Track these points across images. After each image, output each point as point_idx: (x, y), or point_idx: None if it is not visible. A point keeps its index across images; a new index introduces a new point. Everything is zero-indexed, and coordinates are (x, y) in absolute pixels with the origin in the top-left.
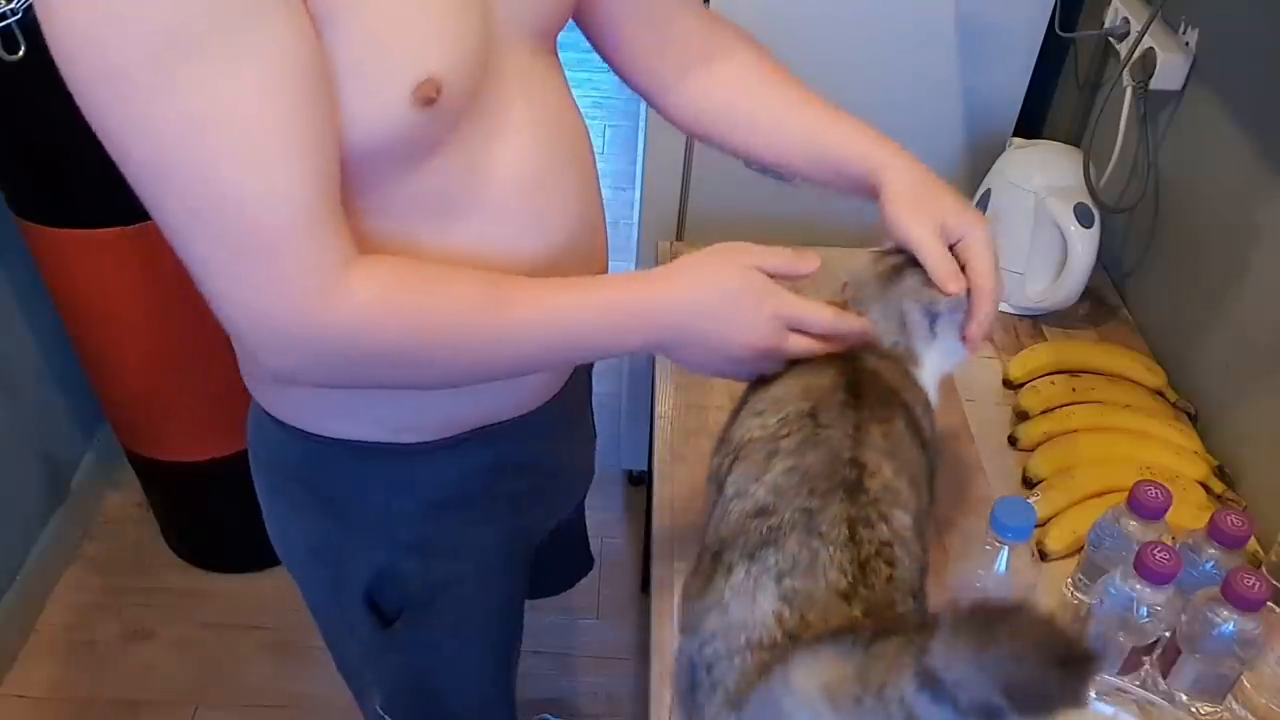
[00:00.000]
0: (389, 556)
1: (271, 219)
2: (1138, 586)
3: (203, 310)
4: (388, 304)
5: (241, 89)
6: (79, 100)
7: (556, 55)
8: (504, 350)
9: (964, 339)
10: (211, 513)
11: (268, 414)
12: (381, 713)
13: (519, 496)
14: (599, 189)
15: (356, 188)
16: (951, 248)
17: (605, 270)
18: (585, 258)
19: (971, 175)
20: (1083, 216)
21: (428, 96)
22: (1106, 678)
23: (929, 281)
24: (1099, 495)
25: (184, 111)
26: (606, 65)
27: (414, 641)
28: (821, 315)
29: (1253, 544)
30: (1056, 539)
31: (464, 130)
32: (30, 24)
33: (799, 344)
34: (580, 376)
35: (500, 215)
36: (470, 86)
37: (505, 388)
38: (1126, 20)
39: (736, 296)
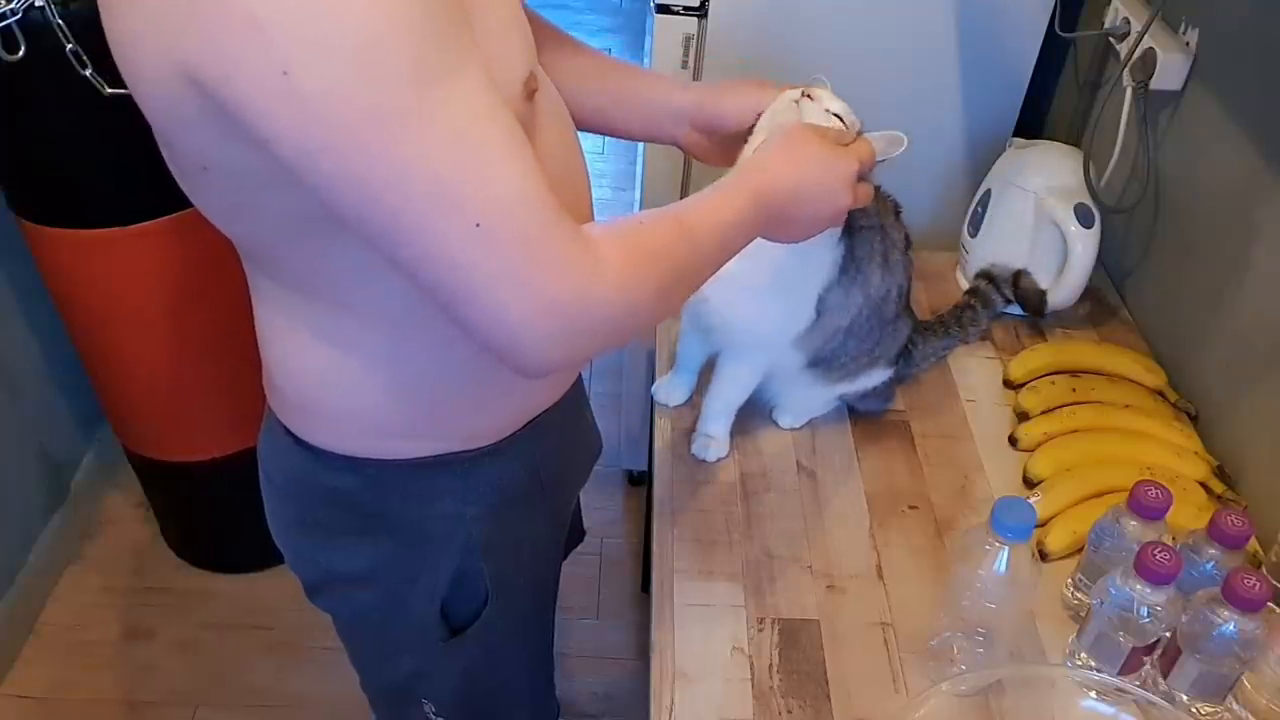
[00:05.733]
0: (462, 562)
1: (539, 208)
2: (1138, 587)
3: (204, 309)
4: (631, 260)
5: (476, 96)
6: (334, 169)
7: None
8: (704, 267)
9: None
10: (211, 513)
11: (310, 446)
12: (435, 718)
13: (559, 479)
14: None
15: None
16: None
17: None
18: (589, 220)
19: (971, 175)
20: (1083, 216)
21: (532, 89)
22: (1106, 678)
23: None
24: (1099, 495)
25: (448, 130)
26: None
27: (479, 641)
28: (870, 155)
29: (1253, 544)
30: (1056, 539)
31: (536, 123)
32: (30, 24)
33: (864, 193)
34: None
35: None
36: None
37: (550, 379)
38: (1126, 20)
39: (824, 177)
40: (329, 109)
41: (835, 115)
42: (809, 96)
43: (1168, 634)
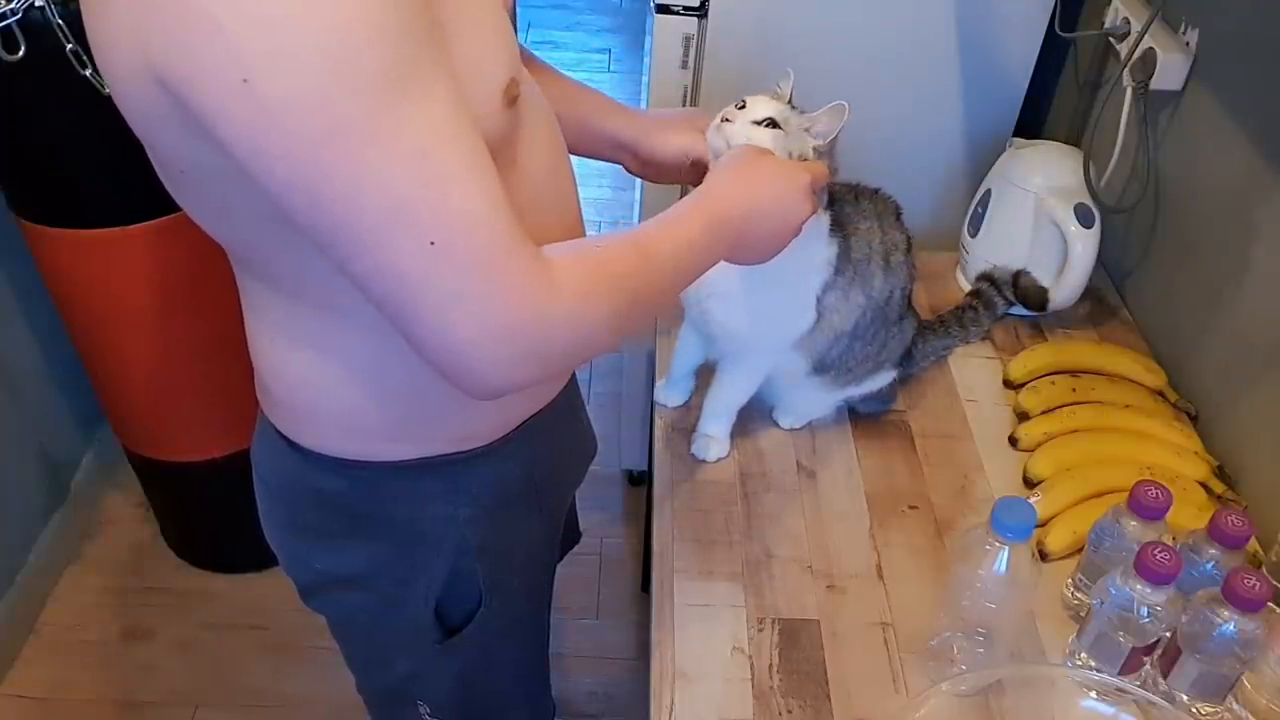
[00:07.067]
0: (456, 564)
1: (497, 230)
2: (1138, 587)
3: (203, 310)
4: (588, 282)
5: (443, 114)
6: (289, 177)
7: None
8: (662, 291)
9: None
10: (211, 513)
11: (299, 448)
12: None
13: (553, 481)
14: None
15: None
16: None
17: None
18: (578, 224)
19: (971, 175)
20: (1083, 216)
21: (513, 95)
22: (1106, 678)
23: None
24: (1099, 495)
25: (410, 147)
26: (605, 66)
27: (474, 643)
28: (823, 170)
29: (1253, 544)
30: (1056, 539)
31: (519, 127)
32: (30, 24)
33: (814, 203)
34: None
35: (538, 197)
36: (522, 82)
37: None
38: (1126, 20)
39: (780, 194)
40: (289, 118)
41: (767, 121)
42: (728, 120)
43: (1168, 634)
